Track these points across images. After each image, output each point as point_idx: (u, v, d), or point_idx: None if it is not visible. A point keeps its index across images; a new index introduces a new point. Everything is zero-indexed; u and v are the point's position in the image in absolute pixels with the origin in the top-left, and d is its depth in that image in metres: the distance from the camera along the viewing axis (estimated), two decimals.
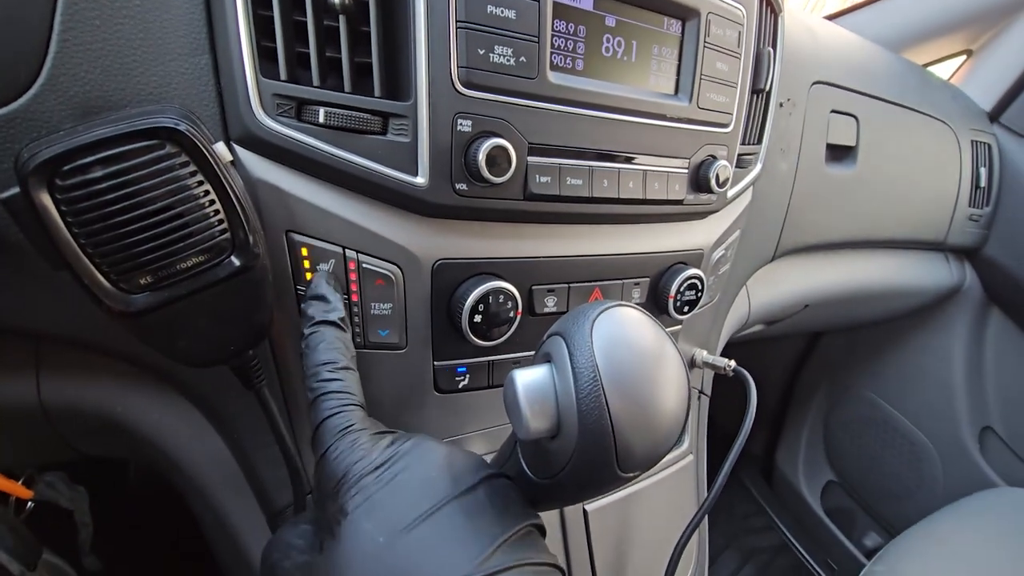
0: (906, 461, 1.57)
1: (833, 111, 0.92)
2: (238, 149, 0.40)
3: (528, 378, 0.32)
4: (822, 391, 1.79)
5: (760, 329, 1.17)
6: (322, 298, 0.41)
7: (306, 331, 0.40)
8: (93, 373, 0.45)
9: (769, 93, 0.69)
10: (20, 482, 0.41)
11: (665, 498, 0.70)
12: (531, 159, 0.46)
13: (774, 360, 1.87)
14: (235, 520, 0.50)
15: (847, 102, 0.94)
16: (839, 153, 0.98)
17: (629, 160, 0.52)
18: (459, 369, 0.51)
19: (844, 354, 1.72)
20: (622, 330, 0.33)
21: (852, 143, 0.98)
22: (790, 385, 1.88)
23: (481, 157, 0.42)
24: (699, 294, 0.61)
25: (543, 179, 0.47)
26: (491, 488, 0.34)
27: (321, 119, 0.40)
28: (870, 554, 1.62)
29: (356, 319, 0.45)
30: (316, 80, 0.40)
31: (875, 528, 1.66)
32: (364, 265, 0.44)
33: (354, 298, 0.44)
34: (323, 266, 0.43)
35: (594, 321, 0.33)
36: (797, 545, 1.68)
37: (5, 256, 0.35)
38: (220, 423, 0.48)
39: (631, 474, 0.32)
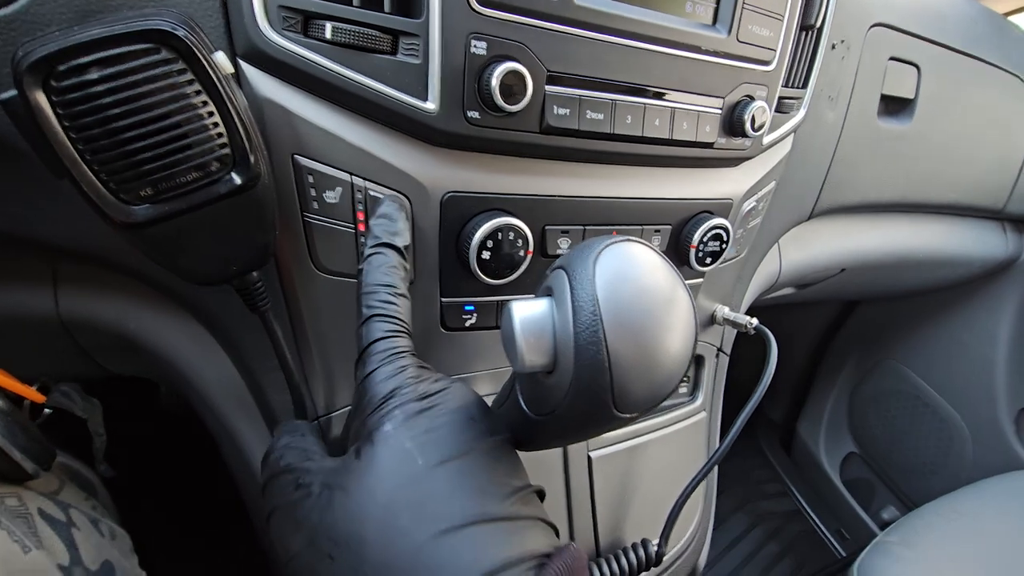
0: (934, 437, 1.52)
1: (892, 58, 0.85)
2: (244, 65, 0.38)
3: (526, 311, 0.31)
4: (852, 361, 1.74)
5: (790, 292, 1.13)
6: (389, 217, 0.41)
7: (369, 248, 0.40)
8: (107, 289, 0.46)
9: (820, 31, 0.63)
10: (35, 388, 0.43)
11: (673, 453, 0.69)
12: (549, 88, 0.43)
13: (804, 327, 1.82)
14: (244, 440, 0.51)
15: (909, 49, 0.86)
16: (894, 106, 0.90)
17: (657, 95, 0.48)
18: (466, 307, 0.50)
19: (879, 324, 1.66)
20: (628, 266, 0.31)
21: (910, 96, 0.90)
22: (819, 354, 1.83)
23: (495, 82, 0.40)
24: (723, 245, 0.59)
25: (561, 111, 0.44)
26: (509, 446, 0.36)
27: (328, 34, 0.38)
28: (886, 526, 1.61)
29: (363, 250, 0.44)
30: None
31: (894, 502, 1.63)
32: (372, 194, 0.43)
33: (361, 227, 0.44)
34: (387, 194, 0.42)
35: (599, 255, 0.31)
36: (811, 512, 1.68)
37: (13, 164, 0.36)
38: (229, 345, 0.49)
39: (628, 415, 0.31)
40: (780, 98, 0.60)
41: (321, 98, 0.40)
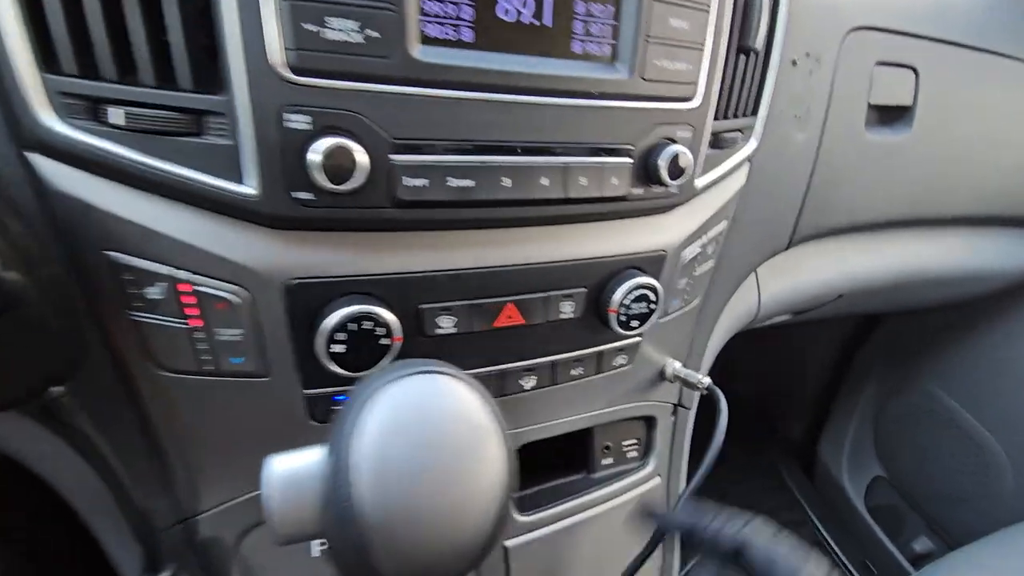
0: (970, 465, 1.38)
1: (881, 63, 0.75)
2: (34, 158, 0.34)
3: (287, 466, 0.26)
4: (877, 377, 1.60)
5: (786, 319, 1.03)
6: None
7: None
8: None
9: (768, 52, 0.55)
10: None
11: (621, 530, 0.62)
12: (397, 158, 0.37)
13: (822, 339, 1.69)
14: (106, 540, 0.48)
15: (901, 50, 0.76)
16: (889, 115, 0.80)
17: (542, 152, 0.42)
18: (336, 397, 0.45)
19: (907, 338, 1.52)
20: (410, 412, 0.25)
21: (908, 102, 0.80)
22: (840, 367, 1.69)
23: (314, 161, 0.34)
24: (652, 306, 0.51)
25: (415, 182, 0.38)
26: None
27: (121, 121, 0.33)
28: (917, 559, 1.47)
29: (203, 346, 0.40)
30: (111, 72, 0.33)
31: (927, 532, 1.50)
32: (200, 288, 0.38)
33: (193, 323, 0.39)
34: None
35: (373, 395, 0.25)
36: (831, 543, 1.55)
37: None
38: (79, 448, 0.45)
39: None
40: (717, 133, 0.52)
41: (129, 187, 0.36)
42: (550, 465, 0.63)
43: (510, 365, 0.49)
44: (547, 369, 0.51)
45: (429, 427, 0.25)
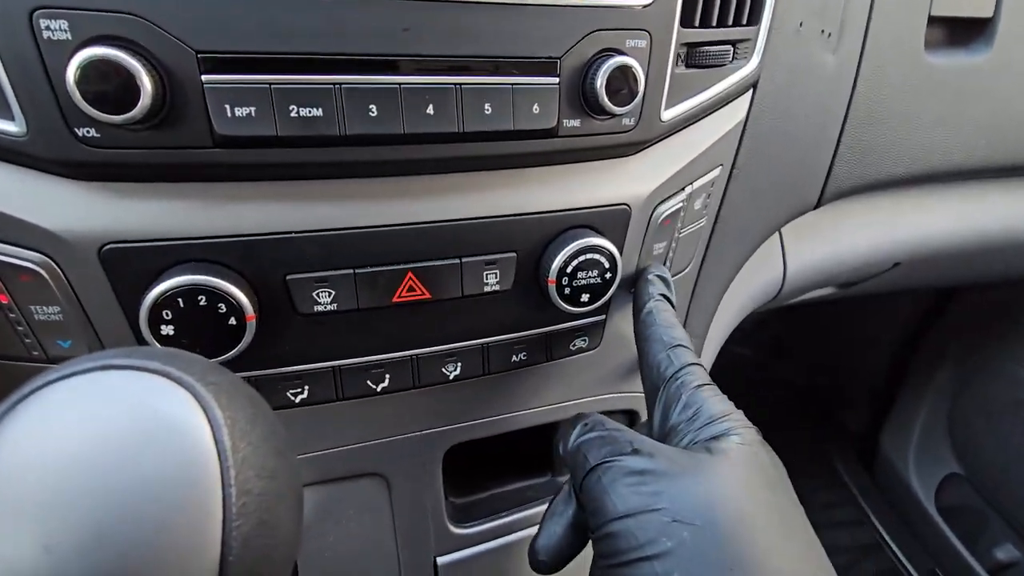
0: None
1: None
2: None
3: None
4: (952, 360, 1.39)
5: (829, 293, 0.87)
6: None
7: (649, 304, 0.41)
8: None
9: None
10: None
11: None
12: (211, 79, 0.28)
13: (886, 317, 1.48)
14: None
15: None
16: (960, 31, 0.63)
17: (421, 68, 0.31)
18: None
19: (989, 314, 1.30)
20: (58, 438, 0.16)
21: (987, 13, 0.62)
22: (908, 350, 1.48)
23: (71, 80, 0.25)
24: (608, 275, 0.40)
25: (241, 111, 0.29)
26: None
27: None
28: (999, 570, 1.27)
29: (21, 327, 0.33)
30: None
31: (1012, 539, 1.29)
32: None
33: (3, 299, 0.32)
34: None
35: (13, 409, 0.17)
36: (894, 547, 1.37)
37: None
38: None
39: None
40: (693, 46, 0.40)
41: None
42: (510, 466, 0.54)
43: (422, 351, 0.40)
44: (476, 355, 0.42)
45: (91, 464, 0.16)
